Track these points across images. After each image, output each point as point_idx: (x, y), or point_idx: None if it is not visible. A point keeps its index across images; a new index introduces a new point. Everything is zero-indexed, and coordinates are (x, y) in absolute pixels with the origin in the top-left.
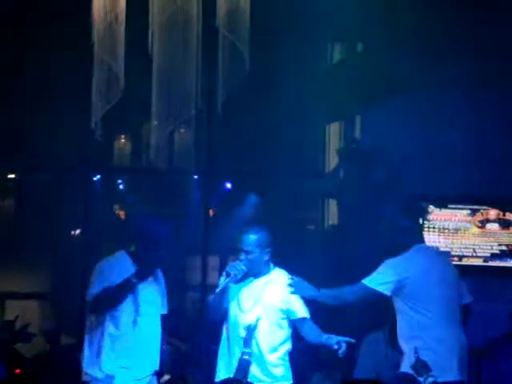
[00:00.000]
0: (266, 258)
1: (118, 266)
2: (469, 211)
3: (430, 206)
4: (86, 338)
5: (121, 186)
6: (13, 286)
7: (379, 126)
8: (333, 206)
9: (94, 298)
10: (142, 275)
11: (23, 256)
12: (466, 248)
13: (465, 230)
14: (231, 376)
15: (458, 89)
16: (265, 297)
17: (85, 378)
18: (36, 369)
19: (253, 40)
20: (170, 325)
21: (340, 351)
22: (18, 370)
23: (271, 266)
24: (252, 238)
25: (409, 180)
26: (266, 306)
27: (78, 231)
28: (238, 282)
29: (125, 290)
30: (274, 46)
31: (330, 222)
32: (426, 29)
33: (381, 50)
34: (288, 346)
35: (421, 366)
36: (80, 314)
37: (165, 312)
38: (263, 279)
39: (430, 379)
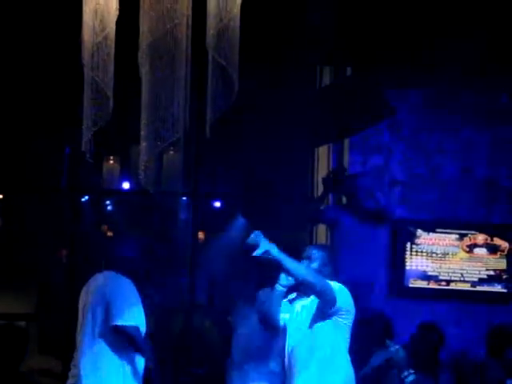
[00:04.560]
0: None
1: None
2: (457, 235)
3: (418, 230)
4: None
5: (109, 208)
6: None
7: (368, 150)
8: (321, 230)
9: None
10: None
11: (9, 277)
12: (454, 272)
13: (453, 255)
14: None
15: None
16: None
17: None
18: None
19: (241, 63)
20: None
21: None
22: None
23: None
24: None
25: (397, 205)
26: None
27: (64, 253)
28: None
29: None
30: (263, 70)
31: None
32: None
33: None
34: None
35: None
36: (66, 335)
37: None
38: None
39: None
